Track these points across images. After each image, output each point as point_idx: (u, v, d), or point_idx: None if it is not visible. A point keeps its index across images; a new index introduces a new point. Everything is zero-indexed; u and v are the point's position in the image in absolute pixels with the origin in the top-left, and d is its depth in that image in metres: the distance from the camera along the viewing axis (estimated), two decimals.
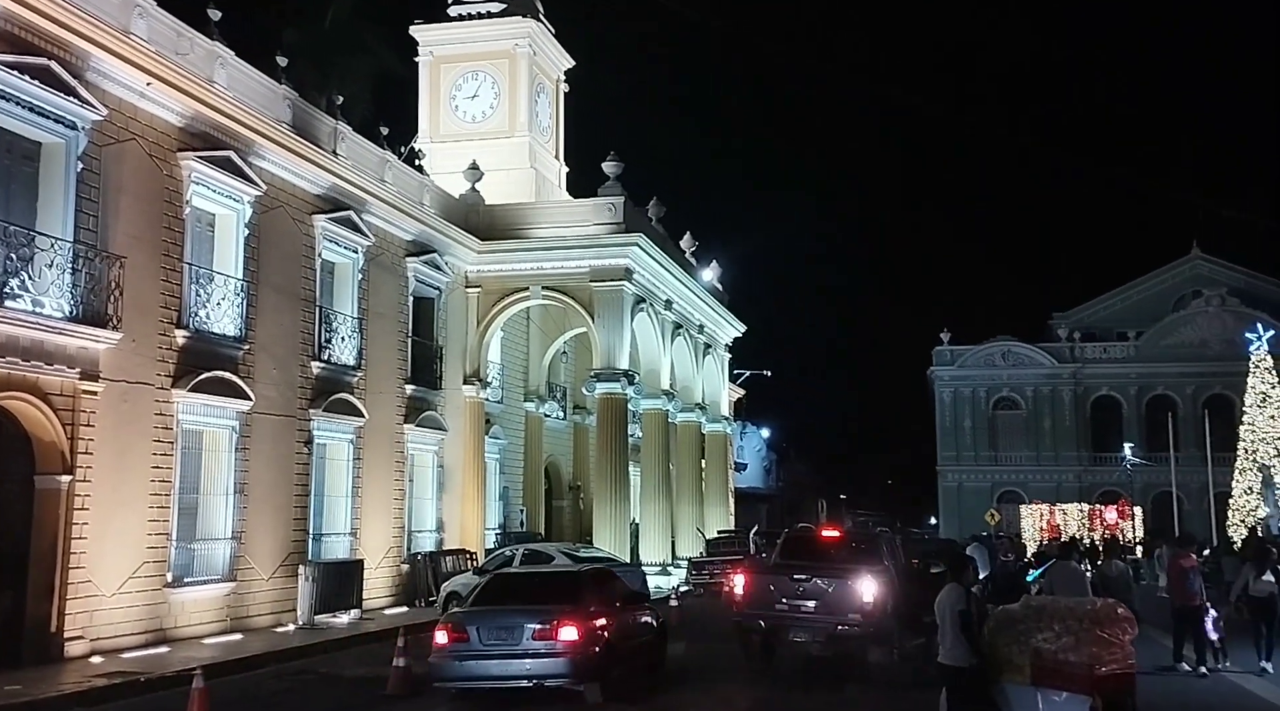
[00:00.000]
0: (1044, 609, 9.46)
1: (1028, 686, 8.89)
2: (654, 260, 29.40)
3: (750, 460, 64.73)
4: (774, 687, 13.68)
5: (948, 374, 65.31)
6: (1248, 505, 35.30)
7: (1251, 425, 36.23)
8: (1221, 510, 37.80)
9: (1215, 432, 44.51)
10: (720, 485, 38.58)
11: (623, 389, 27.59)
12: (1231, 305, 60.20)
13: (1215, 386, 56.84)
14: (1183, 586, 14.84)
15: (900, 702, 12.14)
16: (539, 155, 33.53)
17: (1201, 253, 64.04)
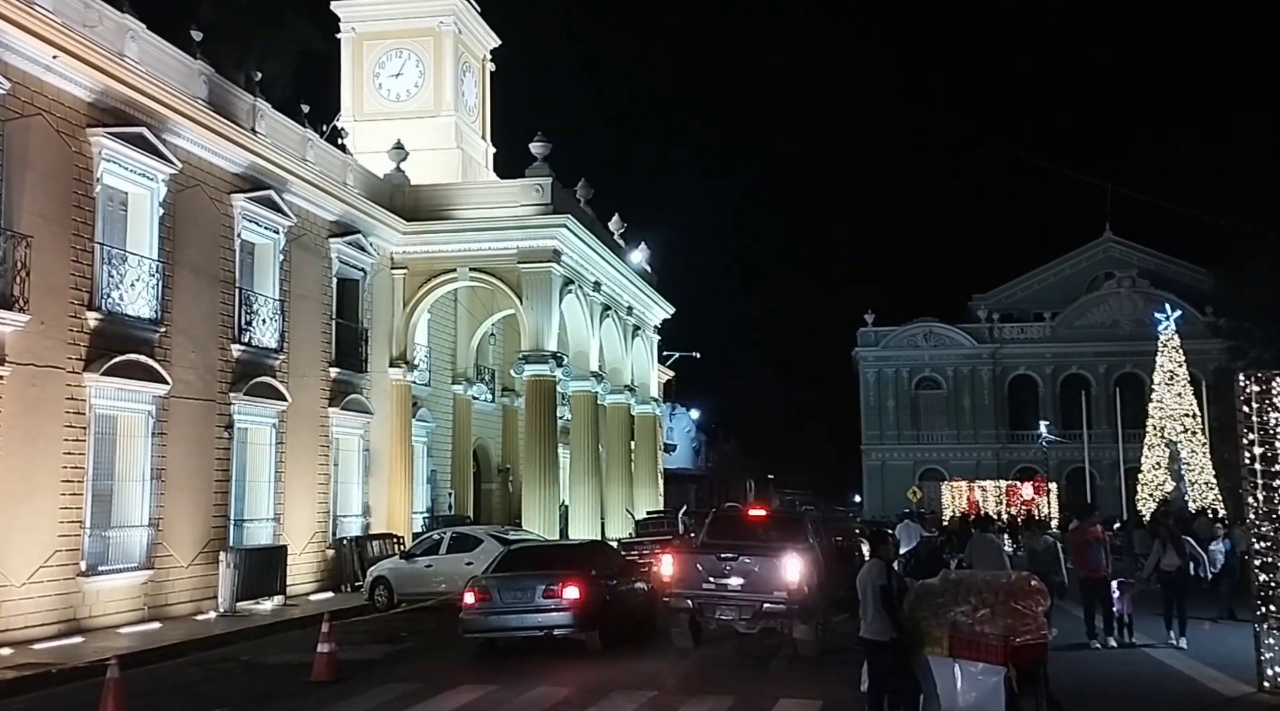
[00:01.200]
0: (962, 582, 9.72)
1: (946, 658, 9.14)
2: (582, 241, 29.32)
3: (679, 441, 65.11)
4: (701, 665, 13.86)
5: (872, 355, 66.52)
6: (1156, 480, 36.56)
7: (1160, 403, 37.49)
8: (1132, 485, 39.12)
9: (1126, 410, 46.04)
10: (649, 466, 38.77)
11: (551, 371, 27.51)
12: (1142, 286, 62.28)
13: (1126, 365, 58.86)
14: (1087, 558, 14.81)
15: (824, 676, 12.40)
16: (465, 135, 33.15)
17: (1114, 236, 66.11)
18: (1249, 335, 44.00)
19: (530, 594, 14.32)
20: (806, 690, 11.76)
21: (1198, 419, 36.84)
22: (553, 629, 14.34)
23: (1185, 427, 36.41)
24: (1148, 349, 41.34)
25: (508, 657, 14.39)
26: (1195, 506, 32.13)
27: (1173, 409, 36.78)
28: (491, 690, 12.06)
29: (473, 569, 19.94)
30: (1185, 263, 62.45)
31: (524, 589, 14.43)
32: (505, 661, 14.10)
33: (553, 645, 14.47)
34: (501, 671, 13.32)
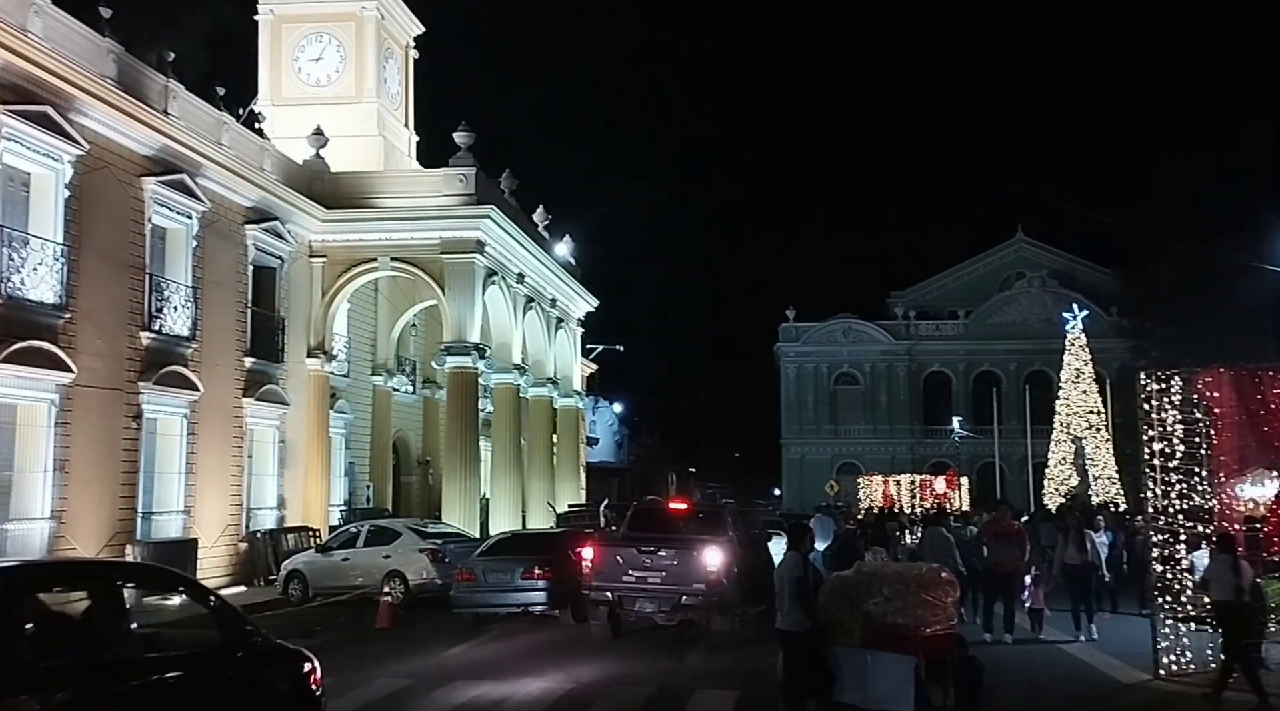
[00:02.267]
0: (875, 574, 9.95)
1: (858, 648, 9.34)
2: (506, 233, 29.14)
3: (602, 434, 65.15)
4: (620, 657, 13.92)
5: (793, 350, 67.41)
6: (1062, 475, 37.79)
7: (1066, 400, 38.73)
8: (1039, 479, 40.38)
9: (1035, 406, 47.45)
10: (572, 459, 38.73)
11: (474, 363, 27.31)
12: (1051, 286, 64.19)
13: (1035, 363, 60.60)
14: (995, 551, 14.70)
15: (741, 667, 12.55)
16: (388, 123, 32.65)
17: (1025, 237, 67.97)
18: (1150, 335, 45.79)
19: (511, 575, 16.34)
20: (724, 681, 11.90)
21: (1102, 415, 38.16)
22: (530, 606, 16.51)
23: (1090, 424, 37.67)
24: (1056, 347, 42.61)
25: (422, 650, 14.28)
26: (1098, 500, 33.29)
27: (1078, 405, 38.03)
28: (405, 683, 11.96)
29: (391, 563, 19.74)
30: (1092, 264, 64.53)
31: (505, 571, 16.51)
32: (420, 654, 14.00)
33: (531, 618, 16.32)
34: (415, 664, 13.21)
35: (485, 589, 16.63)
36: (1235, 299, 35.52)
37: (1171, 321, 43.51)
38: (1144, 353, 42.95)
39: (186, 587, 7.38)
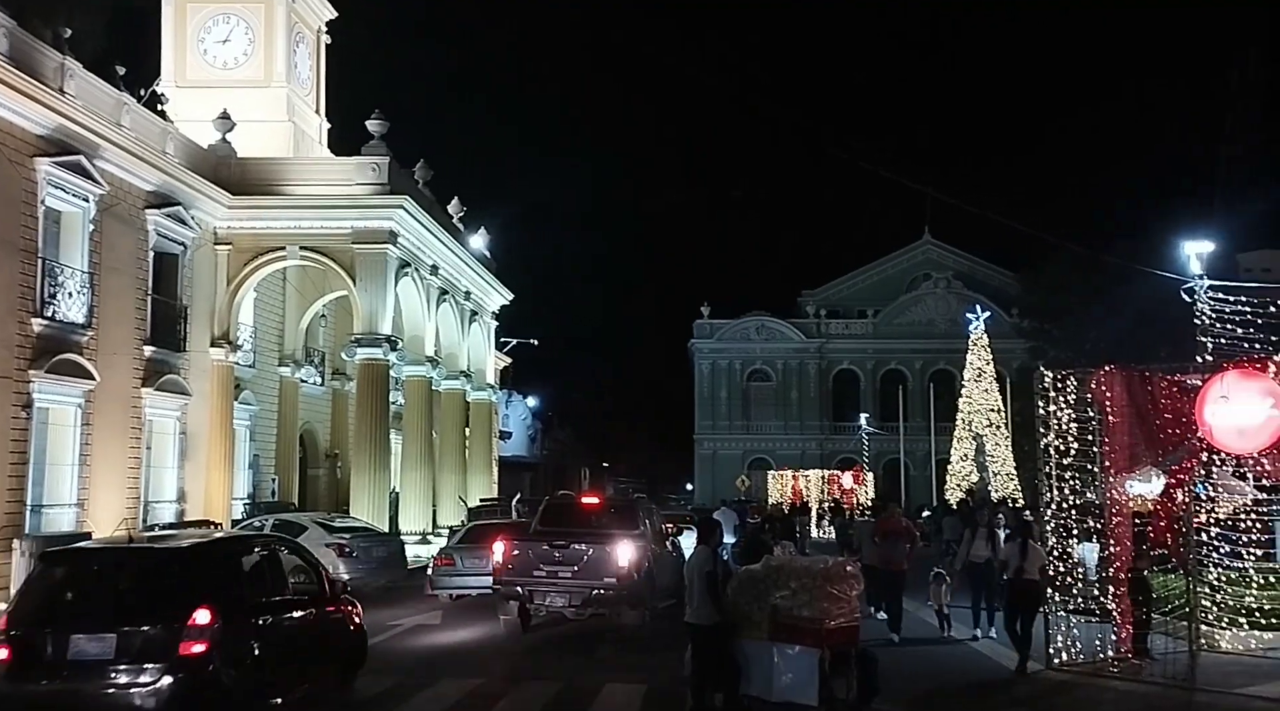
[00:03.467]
0: (782, 568, 10.12)
1: (764, 641, 9.49)
2: (420, 224, 28.75)
3: (515, 429, 64.77)
4: (529, 651, 13.90)
5: (707, 346, 68.05)
6: (963, 471, 38.94)
7: (969, 398, 39.90)
8: (942, 475, 41.51)
9: (939, 404, 48.74)
10: (484, 453, 38.45)
11: (385, 355, 26.92)
12: (956, 288, 66.03)
13: (940, 362, 62.29)
14: (885, 550, 14.60)
15: (650, 660, 12.64)
16: (298, 108, 31.90)
17: (932, 239, 69.73)
18: (1048, 336, 47.46)
19: (485, 561, 16.60)
20: (632, 674, 11.97)
21: (1001, 413, 39.41)
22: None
23: (990, 421, 38.88)
24: (960, 347, 43.84)
25: None
26: (997, 496, 34.37)
27: (980, 404, 39.22)
28: None
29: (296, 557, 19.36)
30: (995, 266, 66.52)
31: (480, 557, 17.13)
32: None
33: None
34: None
35: (461, 573, 17.81)
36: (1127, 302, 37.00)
37: (1068, 323, 45.19)
38: (1042, 353, 44.44)
39: (301, 553, 10.88)
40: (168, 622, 8.19)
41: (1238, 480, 14.09)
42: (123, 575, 8.87)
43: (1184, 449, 12.38)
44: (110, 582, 8.78)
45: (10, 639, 8.23)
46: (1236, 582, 13.34)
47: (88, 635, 8.11)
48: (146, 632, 8.19)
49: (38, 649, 8.16)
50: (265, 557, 9.75)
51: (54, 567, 9.02)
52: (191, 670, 8.07)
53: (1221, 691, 10.91)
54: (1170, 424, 12.27)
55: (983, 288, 63.87)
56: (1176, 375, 12.58)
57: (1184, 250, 16.94)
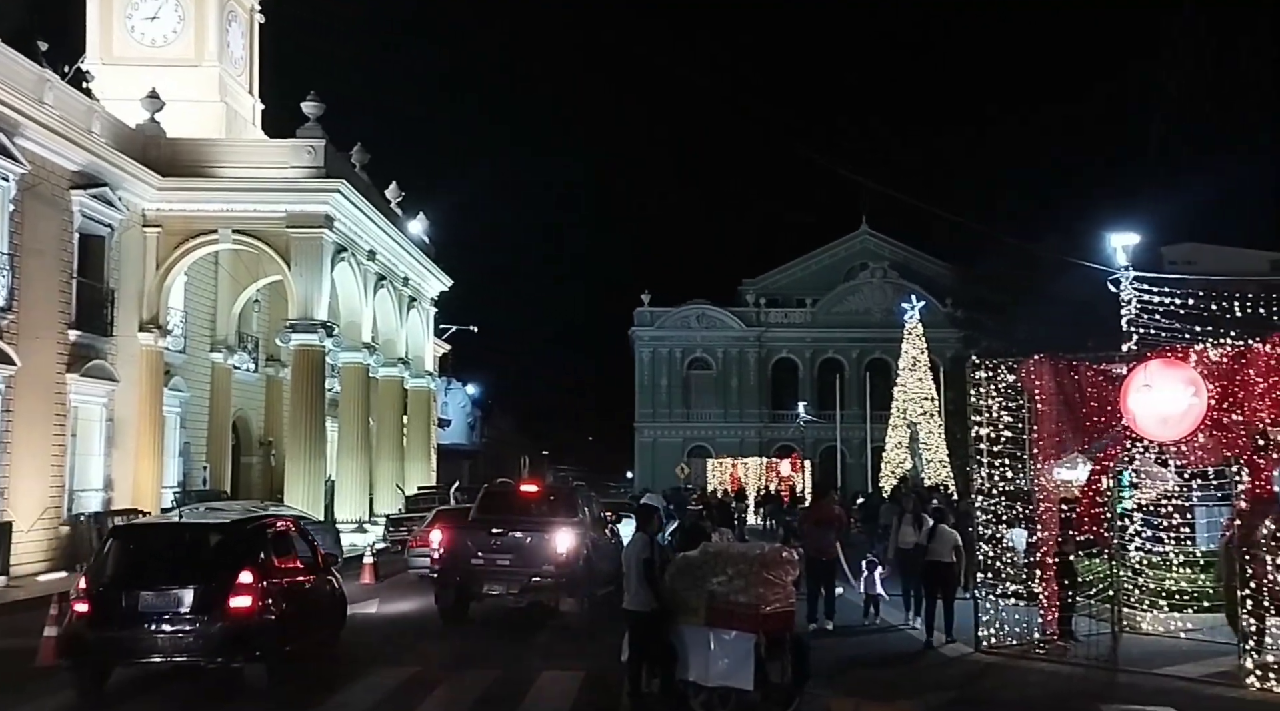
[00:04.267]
0: (720, 554, 10.16)
1: (701, 627, 9.54)
2: (357, 208, 28.35)
3: (455, 416, 64.22)
4: (468, 639, 13.84)
5: (648, 334, 68.13)
6: (898, 458, 39.52)
7: (903, 386, 40.46)
8: (878, 462, 42.10)
9: (875, 393, 49.40)
10: (423, 441, 38.14)
11: (320, 341, 26.54)
12: (892, 277, 66.89)
13: (876, 351, 63.07)
14: (816, 539, 14.34)
15: (588, 647, 12.66)
16: (230, 89, 31.20)
17: (869, 229, 70.47)
18: (981, 326, 48.38)
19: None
20: (570, 661, 11.97)
21: (935, 402, 40.05)
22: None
23: (924, 409, 39.48)
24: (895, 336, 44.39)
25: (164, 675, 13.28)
26: (930, 483, 34.98)
27: (914, 392, 39.80)
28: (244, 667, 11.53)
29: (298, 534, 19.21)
30: (930, 257, 67.48)
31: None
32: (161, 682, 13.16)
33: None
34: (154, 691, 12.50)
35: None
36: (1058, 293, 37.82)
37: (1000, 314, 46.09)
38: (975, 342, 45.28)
39: (302, 531, 12.67)
40: (220, 581, 10.24)
41: (1160, 467, 14.52)
42: (180, 545, 11.17)
43: (1109, 436, 12.69)
44: (169, 551, 10.97)
45: (90, 596, 10.24)
46: (1157, 566, 13.76)
47: (154, 591, 10.16)
48: (201, 589, 10.19)
49: (112, 603, 10.17)
50: (281, 533, 11.82)
51: (123, 539, 11.16)
52: (237, 619, 10.09)
53: (1143, 672, 11.25)
54: (1096, 412, 12.58)
55: (918, 278, 64.77)
56: (1103, 364, 12.89)
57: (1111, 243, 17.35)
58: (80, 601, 10.25)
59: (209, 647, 10.06)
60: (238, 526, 11.52)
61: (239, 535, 11.18)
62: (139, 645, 10.07)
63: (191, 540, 11.27)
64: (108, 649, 10.15)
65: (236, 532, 11.26)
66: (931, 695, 10.35)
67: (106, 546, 11.03)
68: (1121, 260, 16.06)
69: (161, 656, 10.15)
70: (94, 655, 10.20)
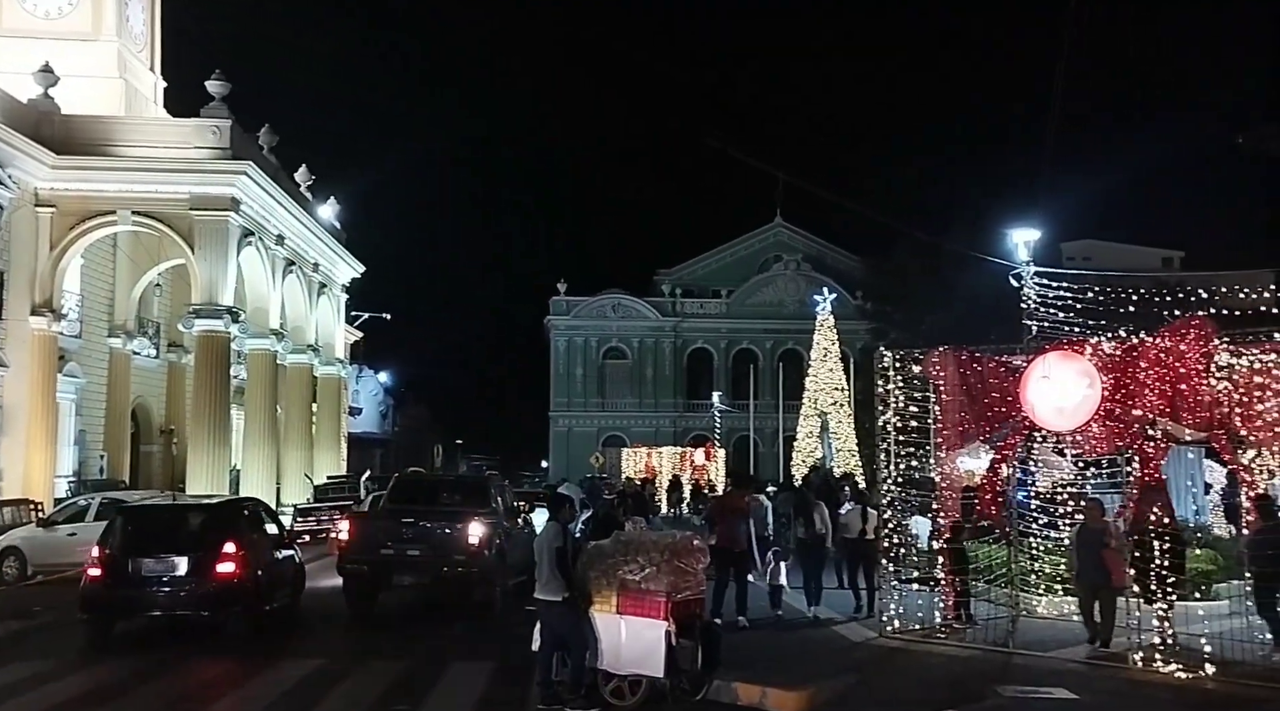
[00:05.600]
0: (631, 543, 10.22)
1: (613, 615, 9.59)
2: (265, 191, 27.65)
3: (366, 405, 63.21)
4: (377, 629, 13.67)
5: (563, 323, 67.95)
6: (809, 448, 40.11)
7: (815, 377, 41.03)
8: (789, 452, 42.69)
9: (787, 383, 50.06)
10: (332, 430, 37.47)
11: (226, 326, 25.86)
12: (805, 270, 67.88)
13: (789, 342, 63.93)
14: (726, 530, 13.48)
15: (499, 637, 12.62)
16: (130, 65, 30.11)
17: (783, 221, 71.34)
18: (890, 318, 49.45)
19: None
20: (480, 651, 11.92)
21: (845, 392, 40.74)
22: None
23: (835, 400, 40.13)
24: (808, 327, 44.96)
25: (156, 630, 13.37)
26: (840, 472, 35.65)
27: (825, 383, 40.40)
28: (134, 664, 11.25)
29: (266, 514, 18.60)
30: (842, 250, 68.63)
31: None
32: (153, 634, 13.12)
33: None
34: (145, 645, 12.44)
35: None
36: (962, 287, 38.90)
37: (908, 306, 47.16)
38: (883, 334, 46.22)
39: (269, 512, 15.56)
40: (208, 551, 12.53)
41: (1057, 456, 15.04)
42: (175, 521, 13.67)
43: (1009, 426, 13.09)
44: (166, 526, 13.45)
45: (102, 562, 12.51)
46: (1053, 552, 14.25)
47: (154, 558, 12.45)
48: (194, 557, 12.47)
49: (120, 569, 12.42)
50: (255, 514, 14.43)
51: (128, 516, 13.52)
52: (222, 581, 12.33)
53: (1038, 654, 11.67)
54: (997, 402, 12.95)
55: (830, 271, 65.83)
56: (1004, 356, 13.28)
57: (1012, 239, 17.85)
58: (94, 566, 12.51)
59: (200, 604, 12.35)
60: (221, 507, 14.40)
61: (222, 514, 13.83)
62: (143, 602, 12.38)
63: (184, 518, 13.78)
64: (118, 604, 12.47)
65: (220, 512, 13.96)
66: (836, 679, 10.57)
67: (115, 523, 13.23)
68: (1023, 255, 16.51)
69: (161, 611, 12.47)
70: (107, 610, 12.49)
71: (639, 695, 9.43)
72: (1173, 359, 11.18)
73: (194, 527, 13.18)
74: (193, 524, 13.33)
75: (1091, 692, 9.97)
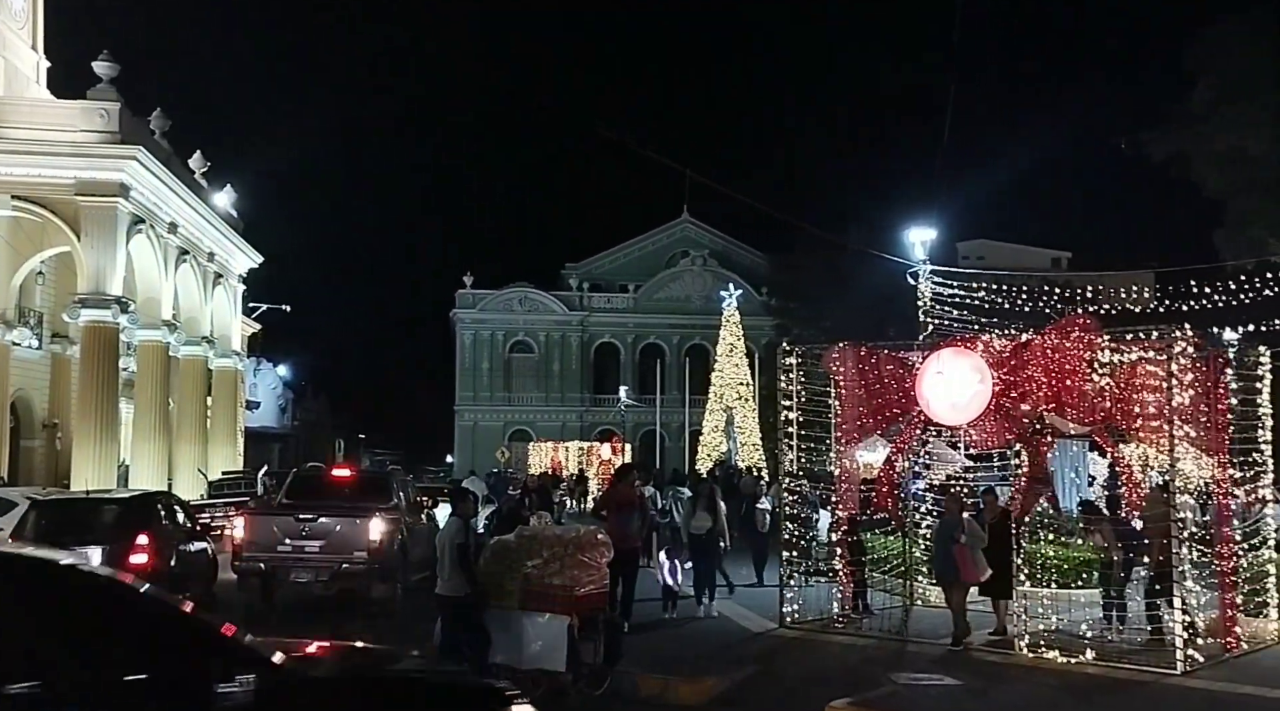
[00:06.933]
0: (535, 538, 10.20)
1: (515, 610, 9.55)
2: (157, 177, 26.68)
3: (264, 398, 61.58)
4: (273, 628, 13.30)
5: (469, 316, 67.25)
6: (714, 442, 40.62)
7: (721, 372, 41.59)
8: (695, 446, 43.13)
9: (694, 378, 50.53)
10: (228, 424, 36.40)
11: (114, 317, 24.92)
12: (711, 266, 68.51)
13: (696, 337, 64.48)
14: (618, 526, 12.47)
15: (399, 635, 12.42)
16: (9, 42, 28.71)
17: (690, 217, 71.86)
18: (793, 314, 50.32)
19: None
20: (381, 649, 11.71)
21: (750, 387, 41.36)
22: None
23: (740, 395, 40.71)
24: (714, 323, 45.51)
25: None
26: (744, 466, 36.15)
27: (731, 377, 40.97)
28: None
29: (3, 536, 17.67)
30: (747, 247, 69.47)
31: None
32: None
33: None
34: None
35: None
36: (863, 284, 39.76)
37: (811, 302, 48.05)
38: (787, 330, 47.00)
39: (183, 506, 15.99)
40: (122, 542, 12.72)
41: (951, 449, 15.51)
42: (90, 513, 13.85)
43: (905, 420, 13.45)
44: (83, 517, 13.61)
45: None
46: None
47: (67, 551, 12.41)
48: (108, 548, 12.48)
49: None
50: (168, 506, 14.90)
51: (46, 508, 13.76)
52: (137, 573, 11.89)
53: (930, 642, 12.03)
54: (894, 397, 13.30)
55: (736, 267, 66.52)
56: (900, 352, 13.65)
57: (910, 238, 18.35)
58: None
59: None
60: (135, 500, 14.91)
61: (137, 506, 14.29)
62: None
63: (98, 510, 14.05)
64: None
65: (134, 504, 14.36)
66: (736, 669, 10.73)
67: (28, 515, 13.43)
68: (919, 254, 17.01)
69: None
70: None
71: (540, 691, 9.42)
72: (1058, 355, 11.63)
73: (108, 520, 13.46)
74: (107, 516, 13.62)
75: (981, 678, 10.33)
